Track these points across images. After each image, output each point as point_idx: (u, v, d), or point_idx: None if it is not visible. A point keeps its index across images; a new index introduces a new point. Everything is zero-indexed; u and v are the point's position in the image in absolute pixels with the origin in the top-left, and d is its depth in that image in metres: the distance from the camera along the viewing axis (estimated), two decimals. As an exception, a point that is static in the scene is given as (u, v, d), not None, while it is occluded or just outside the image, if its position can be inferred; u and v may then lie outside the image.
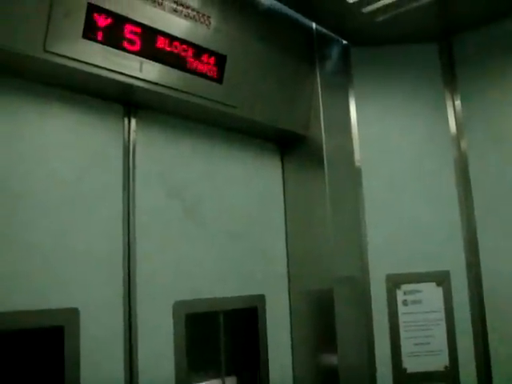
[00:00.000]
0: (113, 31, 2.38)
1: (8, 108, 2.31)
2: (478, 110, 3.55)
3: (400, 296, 3.44)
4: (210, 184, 3.10)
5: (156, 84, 2.60)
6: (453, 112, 3.63)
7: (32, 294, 2.26)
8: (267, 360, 3.21)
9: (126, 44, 2.44)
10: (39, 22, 2.17)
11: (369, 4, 3.15)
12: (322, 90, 3.40)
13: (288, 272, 3.46)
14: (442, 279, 3.44)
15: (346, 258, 3.35)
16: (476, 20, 3.47)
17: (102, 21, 2.34)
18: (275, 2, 3.17)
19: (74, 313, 2.36)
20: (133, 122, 2.77)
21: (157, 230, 2.79)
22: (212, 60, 2.80)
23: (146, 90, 2.59)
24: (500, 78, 3.49)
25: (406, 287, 3.44)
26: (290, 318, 3.41)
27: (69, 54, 2.27)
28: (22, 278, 2.24)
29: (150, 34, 2.52)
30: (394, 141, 3.62)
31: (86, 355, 2.36)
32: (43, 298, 2.29)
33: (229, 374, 3.07)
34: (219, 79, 2.85)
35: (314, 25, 3.47)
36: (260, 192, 3.40)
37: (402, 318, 3.41)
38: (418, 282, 3.45)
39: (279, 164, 3.58)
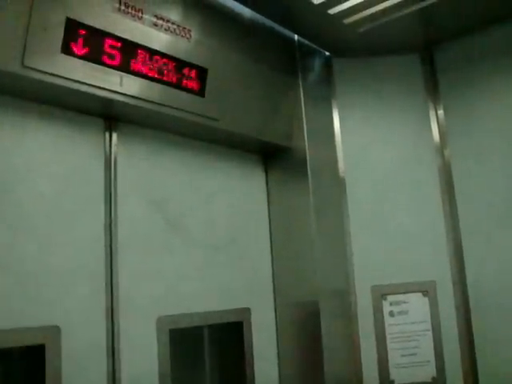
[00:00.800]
0: (92, 46, 2.36)
1: (-14, 124, 2.28)
2: (460, 119, 3.56)
3: (386, 307, 3.42)
4: (194, 197, 3.08)
5: (137, 98, 2.57)
6: (436, 121, 3.64)
7: (11, 311, 2.22)
8: (253, 374, 3.17)
9: (105, 58, 2.42)
10: (17, 37, 2.15)
11: (350, 15, 3.16)
12: (304, 101, 3.40)
13: (273, 284, 3.44)
14: (428, 289, 3.43)
15: (332, 269, 3.34)
16: (457, 30, 3.48)
17: (82, 35, 2.32)
18: (256, 14, 3.17)
19: (55, 330, 2.32)
20: (114, 135, 2.74)
21: (139, 244, 2.76)
22: (193, 73, 2.78)
23: (127, 105, 2.57)
24: (482, 87, 3.50)
25: (392, 298, 3.43)
26: (276, 331, 3.38)
27: (47, 70, 2.24)
28: (2, 296, 2.20)
29: (130, 48, 2.50)
30: (377, 151, 3.62)
31: (67, 373, 2.32)
32: (23, 316, 2.25)
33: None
34: (201, 92, 2.84)
35: (295, 36, 3.47)
36: (244, 204, 3.38)
37: (388, 330, 3.40)
38: (404, 292, 3.44)
39: (263, 175, 3.57)
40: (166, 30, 2.64)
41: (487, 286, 3.34)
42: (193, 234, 3.03)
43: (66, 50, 2.28)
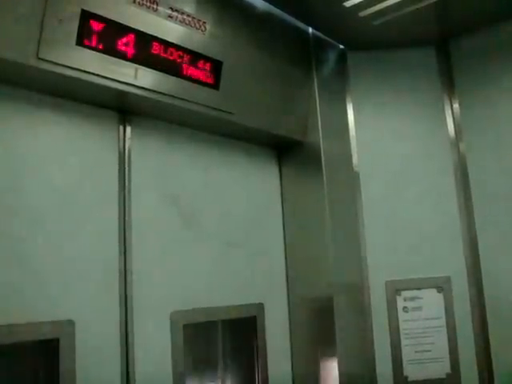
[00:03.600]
0: (107, 38, 2.34)
1: (0, 116, 2.27)
2: (476, 112, 3.52)
3: (400, 303, 3.40)
4: (207, 191, 3.06)
5: (151, 91, 2.56)
6: (451, 115, 3.60)
7: (26, 306, 2.21)
8: (266, 369, 3.16)
9: (120, 51, 2.40)
10: (32, 29, 2.13)
11: (366, 8, 3.12)
12: (319, 95, 3.37)
13: (287, 280, 3.42)
14: (442, 285, 3.40)
15: (346, 264, 3.32)
16: (473, 23, 3.44)
17: (96, 27, 2.30)
18: (271, 6, 3.14)
19: (69, 325, 2.31)
20: (128, 129, 2.73)
21: (153, 239, 2.75)
22: (208, 66, 2.76)
23: (142, 97, 2.55)
24: (498, 81, 3.46)
25: (406, 294, 3.41)
26: (290, 327, 3.37)
27: (62, 62, 2.23)
28: (17, 290, 2.19)
29: (144, 40, 2.48)
30: (392, 145, 3.59)
31: (82, 367, 2.32)
32: (38, 311, 2.24)
33: (228, 384, 3.04)
34: (215, 85, 2.82)
35: (310, 29, 3.44)
36: (257, 199, 3.37)
37: (402, 325, 3.37)
38: (419, 288, 3.41)
39: (277, 170, 3.55)
40: (180, 22, 2.61)
41: (502, 282, 3.30)
42: (206, 228, 3.01)
43: (81, 42, 2.26)
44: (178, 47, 2.62)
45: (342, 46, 3.66)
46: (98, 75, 2.35)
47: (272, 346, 3.22)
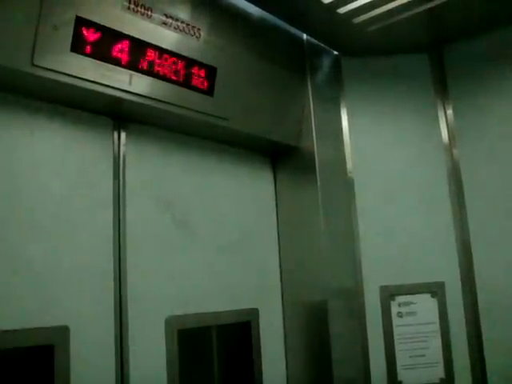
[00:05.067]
0: (102, 44, 2.35)
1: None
2: (470, 119, 3.54)
3: (394, 308, 3.40)
4: (202, 197, 3.07)
5: (146, 97, 2.56)
6: (445, 121, 3.62)
7: (20, 312, 2.21)
8: (261, 374, 3.17)
9: (115, 57, 2.41)
10: (27, 36, 2.14)
11: (360, 15, 3.14)
12: (313, 101, 3.38)
13: (281, 285, 3.43)
14: (436, 290, 3.41)
15: (340, 269, 3.32)
16: (467, 30, 3.46)
17: (91, 34, 2.31)
18: (266, 13, 3.15)
19: (64, 331, 2.31)
20: (122, 135, 2.73)
21: (148, 245, 2.75)
22: (202, 72, 2.77)
23: (136, 104, 2.56)
24: (491, 87, 3.48)
25: (400, 299, 3.41)
26: (284, 332, 3.37)
27: (57, 68, 2.23)
28: (11, 296, 2.19)
29: (139, 46, 2.49)
30: (386, 151, 3.60)
31: (76, 374, 2.31)
32: (32, 316, 2.24)
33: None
34: (210, 92, 2.82)
35: (304, 35, 3.46)
36: (252, 204, 3.37)
37: (396, 330, 3.37)
38: (413, 293, 3.42)
39: (271, 176, 3.55)
40: (175, 28, 2.62)
41: (496, 287, 3.31)
42: (201, 233, 3.02)
43: (76, 48, 2.27)
44: (172, 54, 2.63)
45: (336, 52, 3.67)
46: (92, 81, 2.35)
47: (267, 350, 3.22)
